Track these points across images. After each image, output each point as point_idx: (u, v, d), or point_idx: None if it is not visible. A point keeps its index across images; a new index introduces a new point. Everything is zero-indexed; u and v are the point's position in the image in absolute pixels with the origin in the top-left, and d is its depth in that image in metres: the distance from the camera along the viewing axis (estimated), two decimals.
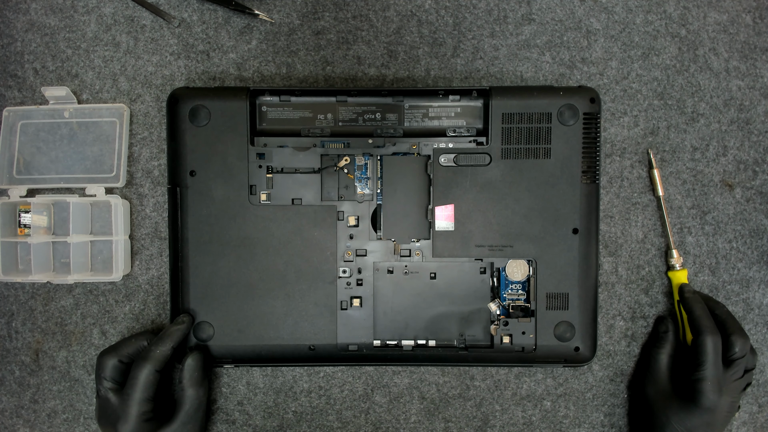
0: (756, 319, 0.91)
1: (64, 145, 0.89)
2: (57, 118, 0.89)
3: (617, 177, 0.90)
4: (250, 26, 0.91)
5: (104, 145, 0.89)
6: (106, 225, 0.89)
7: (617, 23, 0.91)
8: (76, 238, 0.87)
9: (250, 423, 0.90)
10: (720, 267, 0.91)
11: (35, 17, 0.91)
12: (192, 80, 0.91)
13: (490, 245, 0.84)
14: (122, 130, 0.89)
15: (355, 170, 0.85)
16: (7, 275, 0.87)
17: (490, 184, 0.84)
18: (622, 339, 0.90)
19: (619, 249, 0.90)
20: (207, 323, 0.84)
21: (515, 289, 0.85)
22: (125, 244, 0.89)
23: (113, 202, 0.87)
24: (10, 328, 0.90)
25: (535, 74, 0.91)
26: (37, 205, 0.88)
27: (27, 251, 0.88)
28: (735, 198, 0.91)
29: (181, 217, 0.84)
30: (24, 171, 0.89)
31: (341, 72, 0.91)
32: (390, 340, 0.86)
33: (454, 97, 0.85)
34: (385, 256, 0.85)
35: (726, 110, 0.91)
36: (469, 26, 0.91)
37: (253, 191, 0.84)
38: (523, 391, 0.90)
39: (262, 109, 0.85)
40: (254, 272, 0.84)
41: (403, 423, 0.90)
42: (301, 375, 0.90)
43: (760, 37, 0.91)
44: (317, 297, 0.84)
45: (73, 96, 0.89)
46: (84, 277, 0.87)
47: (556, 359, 0.85)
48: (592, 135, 0.84)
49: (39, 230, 0.88)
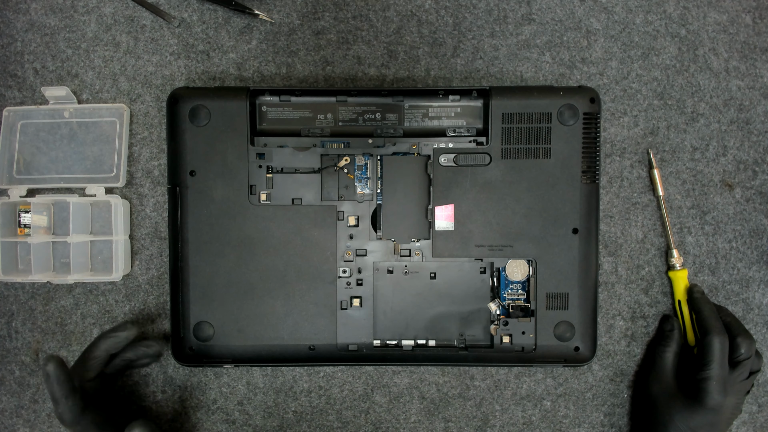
0: (756, 319, 0.91)
1: (64, 145, 0.89)
2: (57, 118, 0.89)
3: (617, 177, 0.90)
4: (250, 26, 0.91)
5: (104, 145, 0.89)
6: (106, 225, 0.89)
7: (617, 23, 0.91)
8: (76, 238, 0.87)
9: (250, 423, 0.90)
10: (720, 267, 0.91)
11: (35, 17, 0.91)
12: (192, 80, 0.91)
13: (490, 245, 0.84)
14: (122, 130, 0.89)
15: (355, 170, 0.85)
16: (7, 275, 0.87)
17: (490, 184, 0.84)
18: (622, 339, 0.90)
19: (619, 249, 0.90)
20: (207, 323, 0.84)
21: (515, 289, 0.85)
22: (125, 244, 0.89)
23: (113, 202, 0.87)
24: (10, 328, 0.90)
25: (535, 74, 0.91)
26: (37, 205, 0.88)
27: (27, 251, 0.88)
28: (735, 198, 0.91)
29: (181, 217, 0.84)
30: (24, 171, 0.89)
31: (341, 72, 0.91)
32: (390, 340, 0.86)
33: (454, 97, 0.85)
34: (385, 256, 0.85)
35: (726, 110, 0.91)
36: (469, 26, 0.91)
37: (253, 191, 0.84)
38: (523, 391, 0.90)
39: (262, 109, 0.85)
40: (254, 272, 0.84)
41: (403, 423, 0.90)
42: (301, 375, 0.90)
43: (760, 37, 0.91)
44: (317, 297, 0.84)
45: (73, 96, 0.89)
46: (84, 277, 0.87)
47: (556, 359, 0.85)
48: (592, 135, 0.84)
49: (39, 230, 0.88)
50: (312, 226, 0.85)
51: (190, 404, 0.90)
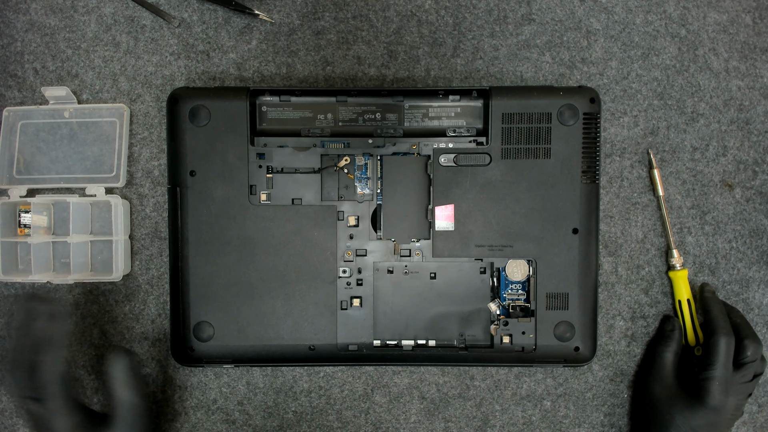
0: (756, 319, 0.91)
1: (64, 145, 0.89)
2: (57, 118, 0.89)
3: (617, 177, 0.90)
4: (250, 26, 0.91)
5: (104, 145, 0.89)
6: (106, 225, 0.89)
7: (617, 23, 0.91)
8: (76, 238, 0.87)
9: (250, 423, 0.90)
10: (720, 267, 0.91)
11: (35, 17, 0.91)
12: (192, 80, 0.91)
13: (490, 245, 0.84)
14: (122, 130, 0.89)
15: (355, 170, 0.85)
16: (7, 275, 0.87)
17: (490, 184, 0.84)
18: (622, 339, 0.90)
19: (619, 249, 0.90)
20: (207, 323, 0.84)
21: (515, 289, 0.85)
22: (125, 244, 0.89)
23: (113, 202, 0.87)
24: (10, 328, 0.90)
25: (535, 74, 0.91)
26: (37, 205, 0.88)
27: (27, 251, 0.88)
28: (735, 198, 0.91)
29: (181, 217, 0.84)
30: (24, 171, 0.89)
31: (341, 72, 0.91)
32: (390, 340, 0.85)
33: (454, 97, 0.85)
34: (385, 256, 0.85)
35: (726, 110, 0.91)
36: (469, 26, 0.91)
37: (253, 191, 0.84)
38: (523, 391, 0.90)
39: (262, 109, 0.85)
40: (254, 272, 0.84)
41: (403, 423, 0.90)
42: (301, 375, 0.90)
43: (760, 37, 0.91)
44: (317, 297, 0.84)
45: (73, 96, 0.89)
46: (84, 276, 0.87)
47: (556, 359, 0.85)
48: (591, 135, 0.84)
49: (39, 230, 0.88)
50: (312, 226, 0.85)
51: (190, 404, 0.90)
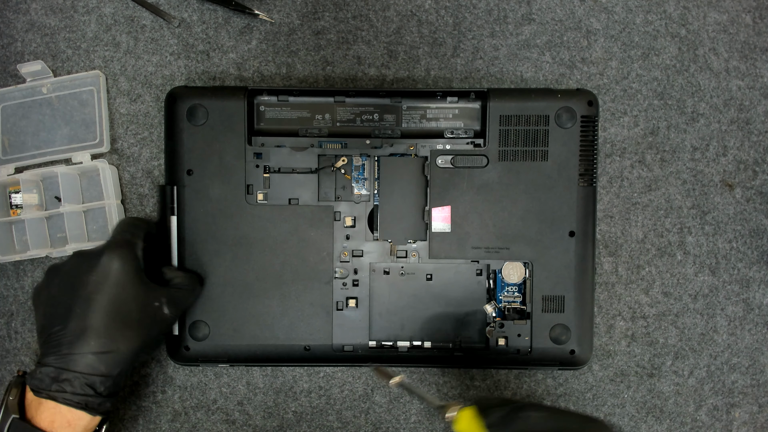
0: (756, 319, 0.90)
1: (46, 120, 0.90)
2: (36, 95, 0.90)
3: (617, 177, 0.90)
4: (250, 26, 0.91)
5: (85, 114, 0.90)
6: (97, 194, 0.90)
7: (617, 23, 0.91)
8: (68, 208, 0.87)
9: (250, 423, 0.90)
10: (720, 267, 0.90)
11: (35, 17, 0.91)
12: (192, 80, 0.91)
13: (487, 247, 0.84)
14: (101, 95, 0.90)
15: (352, 171, 0.85)
16: (5, 256, 0.88)
17: (487, 186, 0.84)
18: (622, 339, 0.90)
19: (618, 249, 0.90)
20: (203, 322, 0.84)
21: (511, 292, 0.85)
22: (118, 208, 0.89)
23: (100, 166, 0.88)
24: (10, 328, 0.91)
25: (535, 74, 0.91)
26: (26, 182, 0.88)
27: (23, 231, 0.89)
28: (735, 198, 0.90)
29: (177, 215, 0.84)
30: (9, 152, 0.90)
31: (341, 72, 0.91)
32: (386, 341, 0.86)
33: (452, 98, 0.85)
34: (381, 257, 0.85)
35: (726, 110, 0.90)
36: (469, 26, 0.91)
37: (250, 191, 0.85)
38: (523, 391, 0.90)
39: (260, 109, 0.85)
40: (250, 272, 0.84)
41: (403, 423, 0.90)
42: (301, 375, 0.90)
43: (760, 37, 0.91)
44: (313, 297, 0.85)
45: (49, 70, 0.90)
46: (81, 246, 0.87)
47: (552, 362, 0.85)
48: (589, 138, 0.83)
49: (31, 208, 0.89)
50: (308, 227, 0.85)
51: (190, 404, 0.90)
